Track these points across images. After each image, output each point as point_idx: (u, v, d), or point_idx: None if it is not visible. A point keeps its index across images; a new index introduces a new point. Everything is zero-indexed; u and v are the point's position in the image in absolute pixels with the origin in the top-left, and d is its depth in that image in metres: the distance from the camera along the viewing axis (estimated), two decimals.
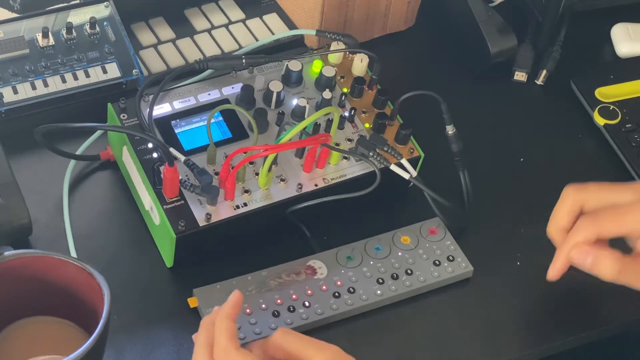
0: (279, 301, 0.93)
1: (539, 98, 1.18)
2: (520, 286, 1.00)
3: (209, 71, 1.05)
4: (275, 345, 0.82)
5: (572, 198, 0.90)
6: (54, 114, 1.04)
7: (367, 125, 1.02)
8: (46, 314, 0.88)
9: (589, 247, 0.86)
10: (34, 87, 1.03)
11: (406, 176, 0.98)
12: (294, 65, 1.03)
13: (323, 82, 1.03)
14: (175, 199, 0.93)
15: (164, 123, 0.98)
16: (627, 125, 1.13)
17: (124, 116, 0.98)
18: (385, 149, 0.98)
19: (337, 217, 1.00)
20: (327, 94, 1.01)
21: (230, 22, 1.16)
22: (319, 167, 0.98)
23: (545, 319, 0.97)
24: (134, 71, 1.06)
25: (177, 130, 0.98)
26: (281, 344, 0.81)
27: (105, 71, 1.06)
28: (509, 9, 1.21)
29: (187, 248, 0.94)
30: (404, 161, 0.98)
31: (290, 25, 1.16)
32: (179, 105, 1.00)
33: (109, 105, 0.98)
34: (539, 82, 1.19)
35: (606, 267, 0.85)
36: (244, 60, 1.03)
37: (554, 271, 0.89)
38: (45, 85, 1.04)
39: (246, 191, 0.95)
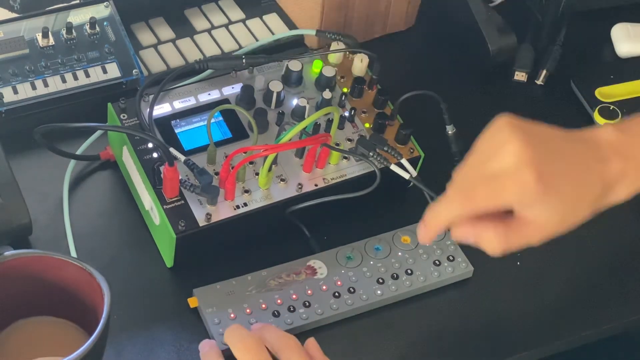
0: (279, 301, 0.93)
1: (539, 98, 1.18)
2: (520, 286, 1.00)
3: (209, 71, 1.05)
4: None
5: (461, 207, 0.80)
6: (54, 114, 1.04)
7: (367, 125, 1.02)
8: (46, 314, 0.88)
9: (468, 228, 0.79)
10: (34, 87, 1.03)
11: (406, 176, 0.98)
12: (294, 65, 1.03)
13: (323, 82, 1.03)
14: (176, 199, 0.93)
15: (164, 123, 0.98)
16: None
17: (124, 116, 0.98)
18: (385, 149, 0.98)
19: (337, 217, 1.00)
20: (327, 94, 1.01)
21: (230, 22, 1.16)
22: (319, 167, 0.98)
23: (545, 319, 0.97)
24: (134, 71, 1.06)
25: (177, 130, 0.98)
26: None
27: (105, 71, 1.06)
28: (509, 9, 1.21)
29: (187, 248, 0.94)
30: (404, 161, 0.98)
31: (290, 25, 1.16)
32: (179, 105, 1.00)
33: (109, 105, 0.98)
34: (539, 82, 1.19)
35: (490, 245, 0.80)
36: (244, 60, 1.03)
37: (426, 240, 0.83)
38: (45, 85, 1.03)
39: (246, 191, 0.95)
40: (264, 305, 0.93)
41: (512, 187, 0.76)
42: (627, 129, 0.81)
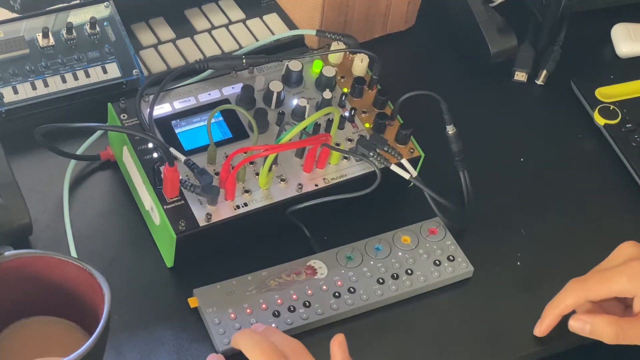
0: (279, 301, 0.93)
1: (539, 98, 1.18)
2: (520, 286, 1.00)
3: (209, 71, 1.05)
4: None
5: (575, 295, 0.92)
6: (54, 114, 1.04)
7: (367, 125, 1.02)
8: (46, 314, 0.88)
9: (585, 316, 0.90)
10: (34, 87, 1.03)
11: (406, 176, 0.98)
12: (294, 65, 1.03)
13: (323, 82, 1.03)
14: (176, 199, 0.93)
15: (164, 123, 0.98)
16: (627, 125, 1.13)
17: (124, 116, 0.98)
18: (386, 149, 0.98)
19: (337, 217, 1.00)
20: (327, 94, 1.01)
21: (231, 22, 1.16)
22: (319, 167, 0.98)
23: None
24: (134, 71, 1.06)
25: (177, 130, 0.98)
26: None
27: (105, 71, 1.06)
28: (509, 9, 1.21)
29: (187, 248, 0.94)
30: (404, 161, 0.98)
31: (291, 25, 1.16)
32: (179, 105, 1.00)
33: (109, 105, 0.98)
34: (539, 82, 1.19)
35: (604, 332, 0.89)
36: (244, 60, 1.03)
37: (542, 330, 0.94)
38: (46, 85, 1.04)
39: (246, 191, 0.95)
40: (264, 305, 0.93)
41: (623, 274, 0.89)
42: None
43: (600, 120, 1.13)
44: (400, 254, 0.98)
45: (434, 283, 0.97)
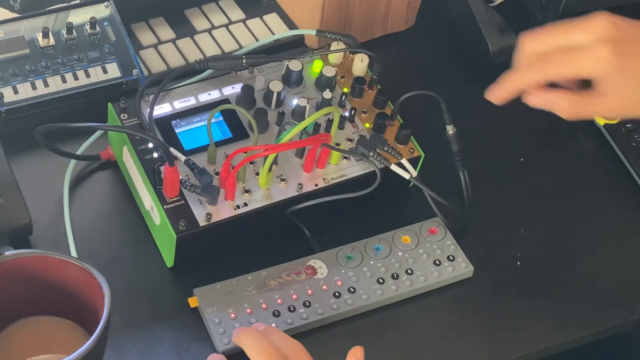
0: (279, 301, 0.93)
1: None
2: (520, 286, 1.00)
3: (209, 71, 1.05)
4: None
5: (527, 48, 0.86)
6: (54, 114, 1.04)
7: (367, 125, 1.02)
8: (46, 314, 0.88)
9: (542, 93, 0.86)
10: (34, 87, 1.03)
11: (406, 176, 0.98)
12: (294, 65, 1.03)
13: (323, 82, 1.03)
14: (176, 198, 0.93)
15: (165, 123, 0.98)
16: (627, 125, 1.12)
17: (124, 116, 0.98)
18: (386, 148, 0.98)
19: (337, 217, 1.00)
20: (327, 94, 1.01)
21: (231, 22, 1.16)
22: (319, 167, 0.98)
23: (545, 319, 0.97)
24: (134, 71, 1.06)
25: (177, 130, 0.98)
26: None
27: (105, 71, 1.06)
28: (509, 9, 1.21)
29: (187, 248, 0.94)
30: (404, 161, 0.98)
31: (291, 25, 1.16)
32: (179, 105, 1.00)
33: (109, 105, 0.98)
34: None
35: (560, 107, 0.86)
36: (244, 60, 1.03)
37: (496, 98, 0.89)
38: (46, 85, 1.04)
39: (246, 191, 0.95)
40: (264, 305, 0.93)
41: (589, 58, 0.82)
42: None
43: (600, 120, 1.13)
44: (400, 253, 0.98)
45: (434, 283, 0.97)
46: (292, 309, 0.93)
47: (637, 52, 0.83)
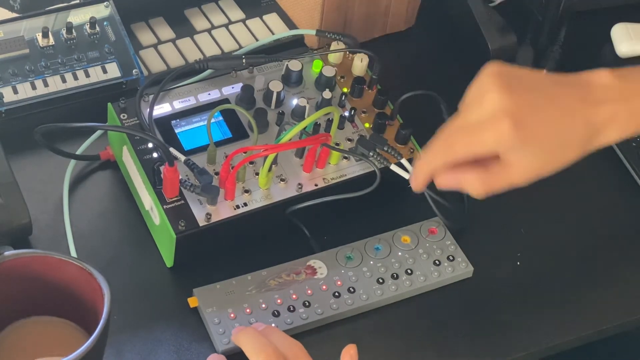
0: (279, 301, 0.93)
1: None
2: (520, 286, 1.00)
3: (209, 71, 1.05)
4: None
5: (442, 157, 0.84)
6: (54, 114, 1.04)
7: (367, 125, 1.02)
8: (46, 314, 0.88)
9: (450, 175, 0.83)
10: (34, 87, 1.03)
11: (406, 176, 0.98)
12: (294, 65, 1.03)
13: (323, 82, 1.03)
14: (176, 198, 0.93)
15: (164, 123, 0.98)
16: None
17: (124, 116, 0.98)
18: (385, 148, 0.98)
19: (337, 217, 1.00)
20: (327, 94, 1.01)
21: (230, 22, 1.16)
22: (319, 167, 0.98)
23: (545, 319, 0.97)
24: (134, 71, 1.06)
25: (177, 130, 0.98)
26: None
27: (105, 71, 1.06)
28: (509, 9, 1.21)
29: (187, 248, 0.94)
30: (404, 161, 0.98)
31: (290, 25, 1.16)
32: (179, 105, 1.00)
33: (109, 105, 0.99)
34: None
35: (472, 187, 0.83)
36: (244, 60, 1.03)
37: (416, 186, 0.86)
38: (45, 85, 1.04)
39: (246, 191, 0.95)
40: (264, 305, 0.93)
41: (490, 136, 0.80)
42: (623, 75, 0.83)
43: None
44: (400, 253, 0.98)
45: (434, 283, 0.97)
46: (291, 309, 0.93)
47: (534, 113, 0.80)
